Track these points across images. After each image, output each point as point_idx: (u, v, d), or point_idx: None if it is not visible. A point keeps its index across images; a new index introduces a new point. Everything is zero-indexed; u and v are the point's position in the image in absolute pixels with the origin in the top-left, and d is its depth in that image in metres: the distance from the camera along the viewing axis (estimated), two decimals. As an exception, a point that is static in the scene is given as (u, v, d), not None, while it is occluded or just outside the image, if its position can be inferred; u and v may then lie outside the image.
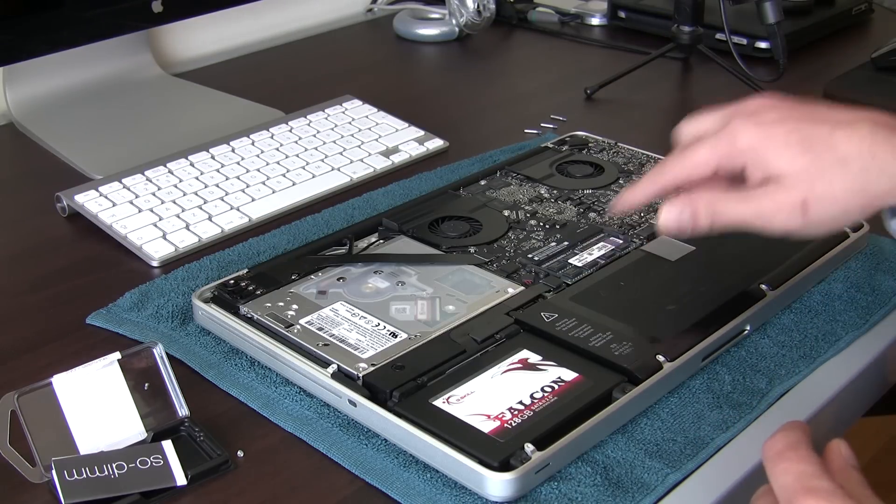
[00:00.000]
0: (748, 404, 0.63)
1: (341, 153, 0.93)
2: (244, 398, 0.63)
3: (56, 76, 1.02)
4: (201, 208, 0.83)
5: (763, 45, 1.16)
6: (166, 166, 0.88)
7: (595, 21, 1.32)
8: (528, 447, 0.55)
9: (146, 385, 0.60)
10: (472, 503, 0.55)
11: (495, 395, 0.59)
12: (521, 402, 0.59)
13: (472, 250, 0.75)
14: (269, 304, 0.68)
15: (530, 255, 0.74)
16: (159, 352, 0.61)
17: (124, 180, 0.86)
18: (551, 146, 0.92)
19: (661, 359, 0.62)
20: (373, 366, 0.62)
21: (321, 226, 0.82)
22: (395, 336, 0.65)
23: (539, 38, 1.30)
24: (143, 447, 0.57)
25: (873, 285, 0.74)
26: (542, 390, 0.60)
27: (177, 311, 0.71)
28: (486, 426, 0.57)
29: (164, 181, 0.86)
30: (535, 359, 0.63)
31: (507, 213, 0.80)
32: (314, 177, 0.89)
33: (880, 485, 0.49)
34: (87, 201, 0.83)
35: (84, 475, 0.55)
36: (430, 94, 1.14)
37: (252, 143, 0.93)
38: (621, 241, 0.76)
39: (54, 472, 0.55)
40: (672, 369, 0.62)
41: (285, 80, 1.16)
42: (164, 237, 0.79)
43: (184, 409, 0.60)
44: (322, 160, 0.92)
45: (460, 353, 0.63)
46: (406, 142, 0.96)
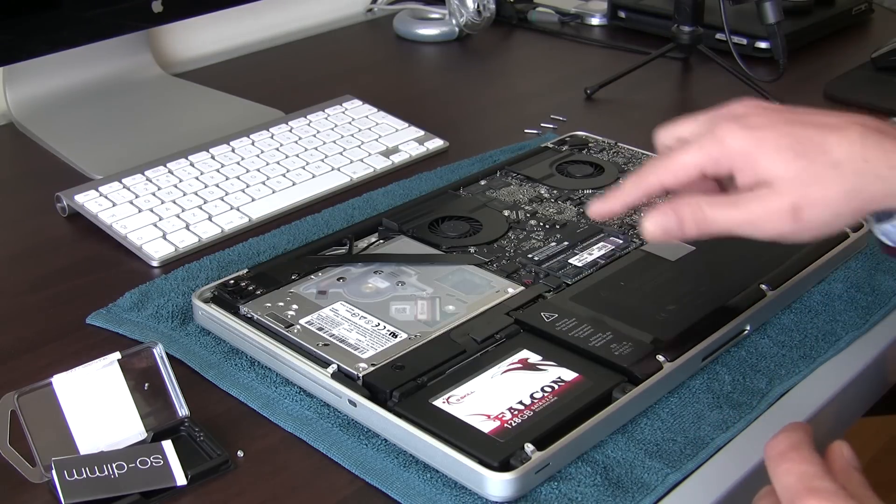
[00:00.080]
0: (748, 404, 0.63)
1: (341, 153, 0.93)
2: (244, 398, 0.63)
3: (56, 76, 1.02)
4: (201, 208, 0.83)
5: (763, 45, 1.16)
6: (166, 166, 0.88)
7: (595, 21, 1.32)
8: (528, 447, 0.55)
9: (146, 385, 0.60)
10: (472, 503, 0.55)
11: (495, 395, 0.59)
12: (521, 402, 0.59)
13: (472, 250, 0.75)
14: (269, 304, 0.68)
15: (530, 255, 0.74)
16: (159, 352, 0.61)
17: (124, 180, 0.86)
18: (551, 146, 0.92)
19: (661, 359, 0.62)
20: (373, 366, 0.62)
21: (321, 226, 0.82)
22: (395, 336, 0.65)
23: (539, 38, 1.30)
24: (143, 447, 0.57)
25: (873, 285, 0.74)
26: (542, 390, 0.60)
27: (177, 311, 0.71)
28: (486, 426, 0.57)
29: (164, 181, 0.86)
30: (535, 359, 0.63)
31: (507, 213, 0.80)
32: (314, 177, 0.89)
33: (880, 485, 0.49)
34: (87, 201, 0.83)
35: (84, 475, 0.55)
36: (430, 94, 1.14)
37: (252, 143, 0.93)
38: (621, 241, 0.76)
39: (54, 472, 0.55)
40: (672, 369, 0.62)
41: (285, 80, 1.16)
42: (164, 237, 0.79)
43: (184, 409, 0.60)
44: (322, 160, 0.92)
45: (460, 353, 0.63)
46: (406, 142, 0.96)
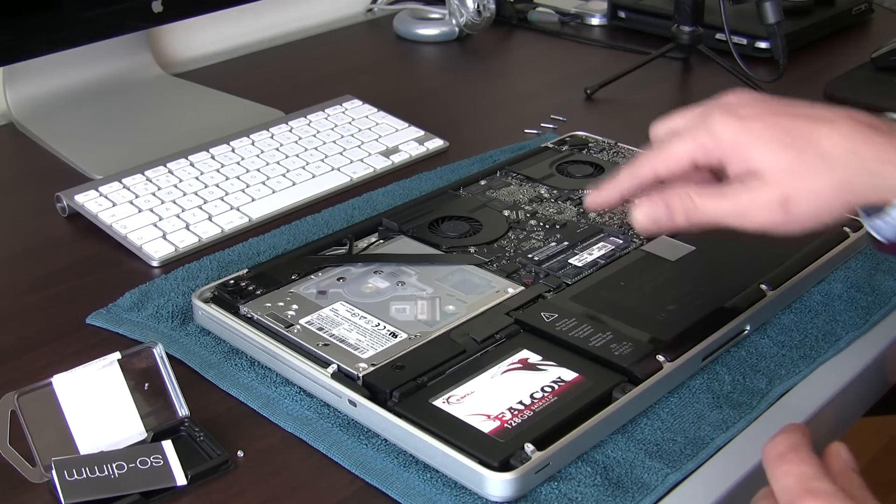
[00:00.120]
0: (748, 404, 0.63)
1: (341, 153, 0.93)
2: (244, 398, 0.63)
3: (56, 76, 1.02)
4: (201, 208, 0.83)
5: (763, 45, 1.16)
6: (166, 166, 0.88)
7: (595, 21, 1.32)
8: (528, 447, 0.55)
9: (146, 385, 0.60)
10: (472, 503, 0.55)
11: (495, 395, 0.59)
12: (521, 402, 0.59)
13: (472, 250, 0.75)
14: (269, 304, 0.68)
15: (530, 255, 0.74)
16: (159, 352, 0.61)
17: (124, 180, 0.86)
18: (551, 146, 0.92)
19: (661, 359, 0.62)
20: (373, 366, 0.62)
21: (321, 226, 0.82)
22: (395, 336, 0.65)
23: (539, 38, 1.30)
24: (143, 447, 0.57)
25: (873, 285, 0.74)
26: (542, 390, 0.60)
27: (177, 311, 0.71)
28: (486, 426, 0.57)
29: (164, 181, 0.86)
30: (535, 359, 0.63)
31: (507, 213, 0.80)
32: (314, 177, 0.89)
33: (880, 485, 0.49)
34: (87, 201, 0.83)
35: (84, 475, 0.55)
36: (430, 94, 1.14)
37: (252, 143, 0.93)
38: (621, 241, 0.76)
39: (54, 472, 0.55)
40: (672, 369, 0.62)
41: (285, 80, 1.16)
42: (164, 237, 0.79)
43: (184, 409, 0.60)
44: (322, 160, 0.92)
45: (460, 353, 0.63)
46: (406, 142, 0.96)
